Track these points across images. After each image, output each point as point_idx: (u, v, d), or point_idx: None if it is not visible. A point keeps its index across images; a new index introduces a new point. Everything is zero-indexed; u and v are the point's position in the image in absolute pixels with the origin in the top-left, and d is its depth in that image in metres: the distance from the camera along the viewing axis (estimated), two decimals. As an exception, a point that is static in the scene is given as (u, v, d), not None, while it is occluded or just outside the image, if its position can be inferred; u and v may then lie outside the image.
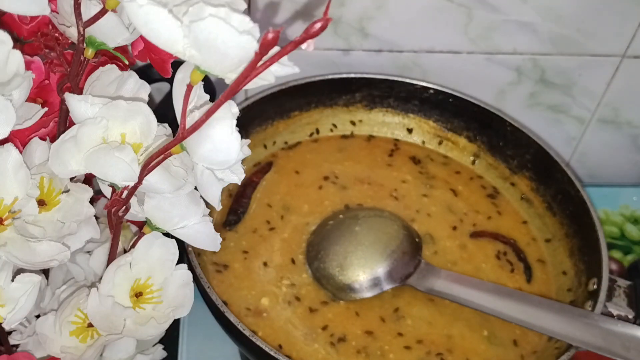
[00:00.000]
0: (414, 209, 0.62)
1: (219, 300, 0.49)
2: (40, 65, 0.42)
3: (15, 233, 0.36)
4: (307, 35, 0.27)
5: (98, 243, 0.44)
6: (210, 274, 0.55)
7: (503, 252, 0.60)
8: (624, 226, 0.73)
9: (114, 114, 0.35)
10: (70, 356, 0.41)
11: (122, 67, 0.40)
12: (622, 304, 0.52)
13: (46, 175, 0.38)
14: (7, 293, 0.36)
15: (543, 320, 0.51)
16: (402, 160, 0.67)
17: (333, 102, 0.67)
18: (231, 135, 0.31)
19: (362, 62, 0.67)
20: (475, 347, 0.53)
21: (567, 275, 0.58)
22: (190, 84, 0.31)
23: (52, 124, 0.41)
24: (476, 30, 0.65)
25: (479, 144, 0.67)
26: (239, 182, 0.34)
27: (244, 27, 0.27)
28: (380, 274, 0.55)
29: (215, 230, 0.39)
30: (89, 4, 0.36)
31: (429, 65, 0.68)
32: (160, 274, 0.40)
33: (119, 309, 0.39)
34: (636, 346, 0.48)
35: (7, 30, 0.35)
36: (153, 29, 0.29)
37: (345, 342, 0.53)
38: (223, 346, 0.58)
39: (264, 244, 0.58)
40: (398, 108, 0.68)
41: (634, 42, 0.66)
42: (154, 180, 0.35)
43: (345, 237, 0.57)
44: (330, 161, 0.65)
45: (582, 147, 0.76)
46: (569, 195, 0.60)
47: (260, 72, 0.28)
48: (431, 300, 0.55)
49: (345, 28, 0.65)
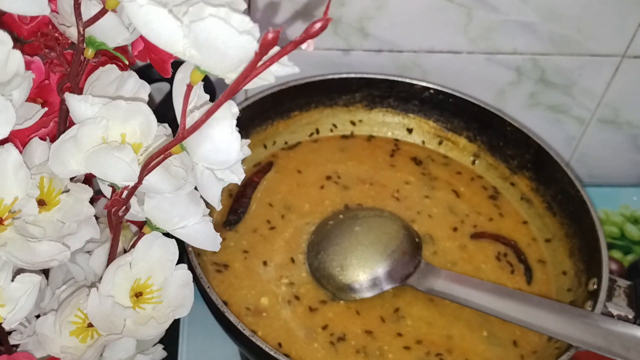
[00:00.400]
0: (415, 210, 0.62)
1: (219, 300, 0.49)
2: (40, 65, 0.42)
3: (15, 233, 0.36)
4: (307, 35, 0.27)
5: (98, 243, 0.44)
6: (210, 273, 0.55)
7: (503, 254, 0.60)
8: (624, 226, 0.73)
9: (114, 114, 0.35)
10: (70, 356, 0.41)
11: (122, 67, 0.40)
12: (622, 304, 0.52)
13: (46, 175, 0.38)
14: (7, 293, 0.36)
15: (543, 320, 0.51)
16: (404, 161, 0.67)
17: (333, 102, 0.67)
18: (231, 135, 0.31)
19: (362, 62, 0.67)
20: (475, 347, 0.53)
21: (567, 275, 0.58)
22: (190, 84, 0.31)
23: (52, 124, 0.41)
24: (476, 30, 0.65)
25: (479, 144, 0.67)
26: (239, 182, 0.34)
27: (244, 27, 0.27)
28: (380, 274, 0.55)
29: (216, 230, 0.39)
30: (89, 4, 0.36)
31: (429, 65, 0.68)
32: (160, 274, 0.40)
33: (119, 309, 0.39)
34: (636, 346, 0.48)
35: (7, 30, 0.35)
36: (153, 29, 0.29)
37: (345, 341, 0.53)
38: (223, 346, 0.58)
39: (264, 243, 0.58)
40: (398, 108, 0.68)
41: (634, 42, 0.66)
42: (154, 180, 0.35)
43: (345, 237, 0.57)
44: (332, 161, 0.66)
45: (582, 147, 0.76)
46: (569, 195, 0.60)
47: (260, 72, 0.28)
48: (431, 301, 0.55)
49: (345, 28, 0.65)
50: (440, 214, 0.62)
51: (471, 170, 0.67)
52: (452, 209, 0.63)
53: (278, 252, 0.58)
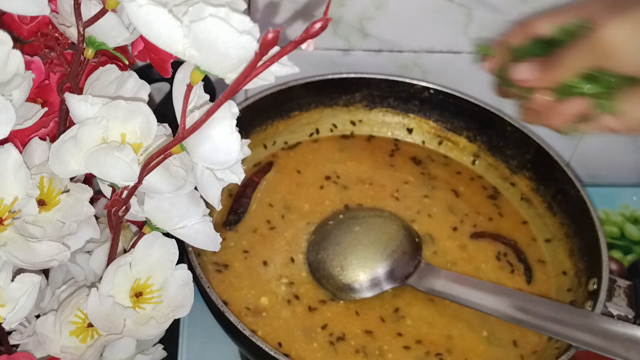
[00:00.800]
0: (414, 209, 0.62)
1: (219, 300, 0.49)
2: (40, 65, 0.42)
3: (15, 233, 0.36)
4: (307, 35, 0.27)
5: (98, 243, 0.44)
6: (210, 273, 0.55)
7: (503, 253, 0.60)
8: (624, 226, 0.73)
9: (114, 114, 0.35)
10: (70, 356, 0.41)
11: (122, 67, 0.40)
12: (622, 304, 0.52)
13: (46, 175, 0.38)
14: (7, 293, 0.36)
15: (543, 320, 0.51)
16: (404, 161, 0.67)
17: (333, 102, 0.67)
18: (231, 135, 0.31)
19: (362, 62, 0.67)
20: (475, 347, 0.53)
21: (567, 275, 0.58)
22: (190, 84, 0.31)
23: (52, 124, 0.41)
24: (476, 30, 0.65)
25: (479, 144, 0.67)
26: (239, 182, 0.34)
27: (244, 27, 0.27)
28: (380, 274, 0.55)
29: (216, 230, 0.39)
30: (89, 4, 0.36)
31: (429, 65, 0.68)
32: (160, 274, 0.40)
33: (119, 309, 0.39)
34: (636, 346, 0.48)
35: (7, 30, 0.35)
36: (153, 29, 0.29)
37: (344, 341, 0.53)
38: (223, 346, 0.58)
39: (264, 243, 0.58)
40: (398, 108, 0.68)
41: (634, 42, 0.66)
42: (154, 180, 0.35)
43: (345, 237, 0.57)
44: (332, 161, 0.66)
45: (582, 147, 0.76)
46: (569, 195, 0.60)
47: (260, 72, 0.28)
48: (431, 301, 0.55)
49: (345, 28, 0.65)
50: (440, 213, 0.62)
51: (471, 170, 0.67)
52: (451, 209, 0.63)
53: (278, 252, 0.58)
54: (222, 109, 0.31)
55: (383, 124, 0.69)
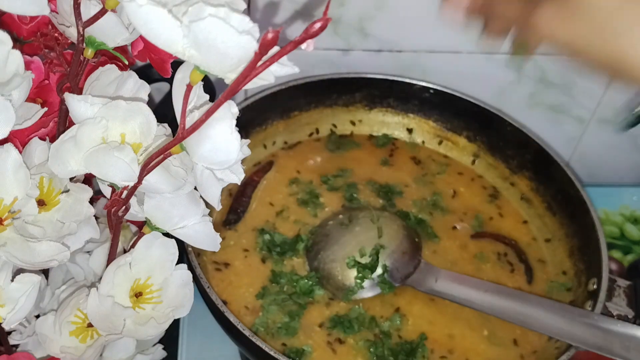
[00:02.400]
0: (414, 209, 0.62)
1: (218, 300, 0.49)
2: (40, 65, 0.42)
3: (15, 233, 0.36)
4: (307, 35, 0.27)
5: (98, 243, 0.44)
6: (210, 272, 0.55)
7: (504, 253, 0.60)
8: (624, 226, 0.73)
9: (113, 114, 0.35)
10: (70, 356, 0.41)
11: (122, 67, 0.40)
12: (622, 304, 0.52)
13: (46, 175, 0.38)
14: (7, 293, 0.36)
15: (543, 320, 0.51)
16: (403, 160, 0.67)
17: (333, 102, 0.67)
18: (231, 135, 0.31)
19: (362, 62, 0.67)
20: (476, 346, 0.53)
21: (567, 275, 0.58)
22: (190, 84, 0.31)
23: (52, 124, 0.41)
24: (476, 30, 0.65)
25: (479, 144, 0.67)
26: (239, 182, 0.34)
27: (244, 27, 0.27)
28: (380, 273, 0.55)
29: (216, 229, 0.39)
30: (88, 4, 0.36)
31: (429, 65, 0.68)
32: (160, 274, 0.40)
33: (118, 309, 0.39)
34: (636, 346, 0.48)
35: (7, 30, 0.35)
36: (153, 28, 0.29)
37: (345, 341, 0.52)
38: (223, 346, 0.58)
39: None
40: (398, 108, 0.68)
41: (634, 42, 0.66)
42: (154, 180, 0.35)
43: (345, 237, 0.57)
44: (331, 161, 0.65)
45: (582, 147, 0.76)
46: (569, 195, 0.60)
47: (260, 72, 0.28)
48: (432, 300, 0.55)
49: (345, 28, 0.65)
50: (440, 213, 0.62)
51: (471, 170, 0.67)
52: (451, 209, 0.63)
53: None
54: (222, 109, 0.31)
55: (383, 123, 0.69)
